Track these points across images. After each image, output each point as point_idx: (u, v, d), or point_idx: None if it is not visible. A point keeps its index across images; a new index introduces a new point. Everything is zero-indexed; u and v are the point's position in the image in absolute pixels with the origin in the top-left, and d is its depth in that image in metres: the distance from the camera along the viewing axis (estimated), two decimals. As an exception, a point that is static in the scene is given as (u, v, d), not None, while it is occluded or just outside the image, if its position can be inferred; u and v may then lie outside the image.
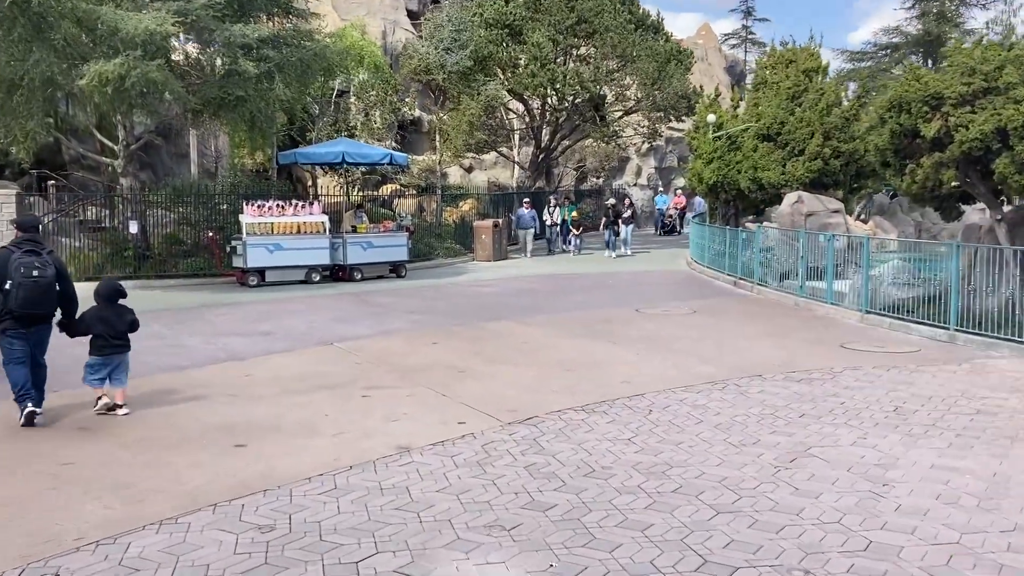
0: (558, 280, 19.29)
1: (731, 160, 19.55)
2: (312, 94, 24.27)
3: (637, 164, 41.70)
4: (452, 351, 10.73)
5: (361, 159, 18.15)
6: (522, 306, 14.99)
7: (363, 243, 19.32)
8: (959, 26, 50.01)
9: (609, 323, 12.98)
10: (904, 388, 8.76)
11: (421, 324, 12.97)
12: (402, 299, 15.94)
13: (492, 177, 37.00)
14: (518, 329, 12.44)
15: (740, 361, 10.09)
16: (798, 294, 15.12)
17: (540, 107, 28.84)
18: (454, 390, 8.57)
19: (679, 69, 27.56)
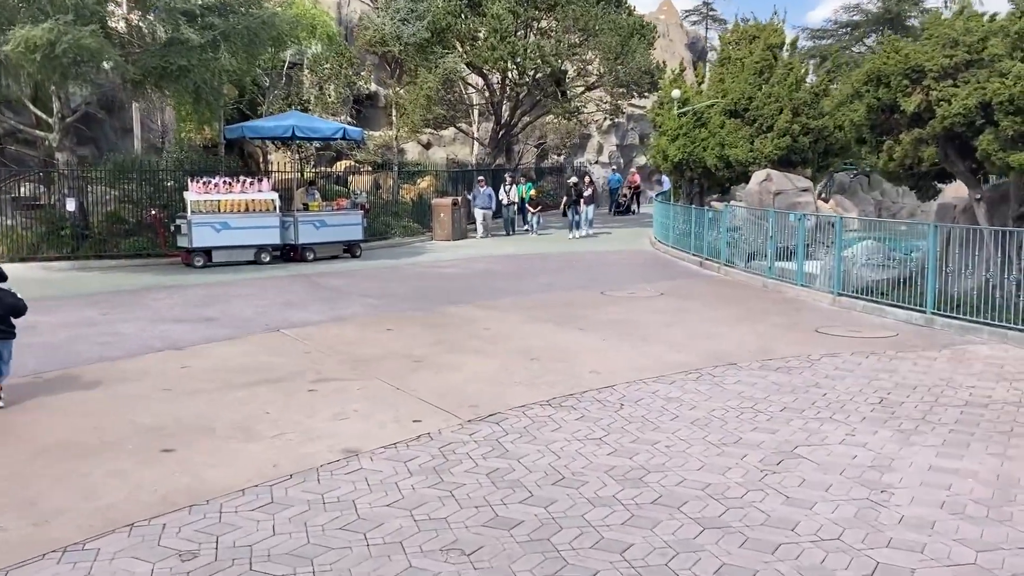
0: (519, 261, 18.66)
1: (697, 137, 19.02)
2: (262, 65, 23.26)
3: (598, 141, 41.13)
4: (409, 339, 10.06)
5: (312, 133, 17.29)
6: (483, 289, 14.34)
7: (315, 222, 18.49)
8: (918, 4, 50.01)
9: (574, 307, 12.40)
10: (886, 377, 8.29)
11: (376, 309, 12.26)
12: (357, 281, 15.19)
13: (451, 154, 36.17)
14: (479, 314, 11.80)
15: (713, 348, 9.56)
16: (767, 275, 14.66)
17: (500, 82, 28.05)
18: (410, 383, 7.91)
19: (642, 44, 26.93)
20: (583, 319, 11.39)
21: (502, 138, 30.31)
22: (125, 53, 16.51)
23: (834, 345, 9.80)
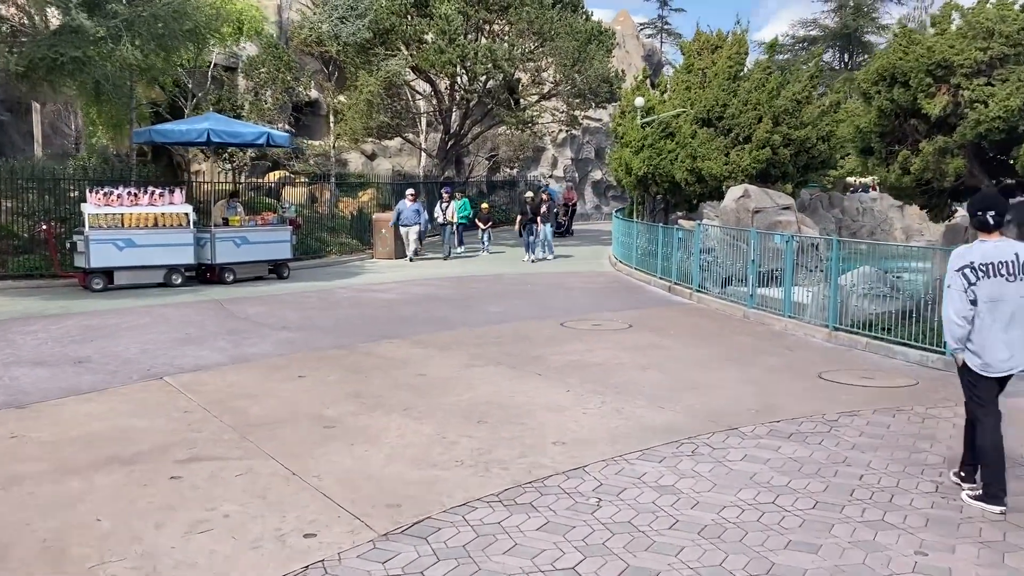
0: (468, 285, 16.69)
1: (664, 148, 17.28)
2: (185, 65, 21.02)
3: (553, 155, 39.43)
4: (323, 390, 8.02)
5: (232, 138, 15.18)
6: (423, 319, 12.35)
7: (236, 238, 16.32)
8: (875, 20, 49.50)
9: (531, 343, 10.47)
10: (927, 447, 6.50)
11: (291, 346, 10.18)
12: (276, 309, 13.08)
13: (397, 165, 34.12)
14: (415, 353, 9.79)
15: (704, 403, 7.70)
16: (747, 304, 12.90)
17: (449, 88, 26.15)
18: (311, 464, 5.88)
19: (600, 50, 25.27)
20: (542, 360, 9.46)
21: (451, 149, 28.39)
22: (12, 43, 14.26)
23: (848, 399, 8.00)
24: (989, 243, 5.24)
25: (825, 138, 15.24)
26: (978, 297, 5.13)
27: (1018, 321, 5.14)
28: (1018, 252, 5.17)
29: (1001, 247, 5.19)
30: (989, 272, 5.12)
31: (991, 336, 5.13)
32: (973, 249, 5.26)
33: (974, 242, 5.37)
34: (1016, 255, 5.15)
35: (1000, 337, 5.12)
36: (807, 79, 15.51)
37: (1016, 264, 5.13)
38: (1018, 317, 5.14)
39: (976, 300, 5.13)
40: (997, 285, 5.12)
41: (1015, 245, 5.24)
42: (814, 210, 38.44)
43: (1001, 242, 5.23)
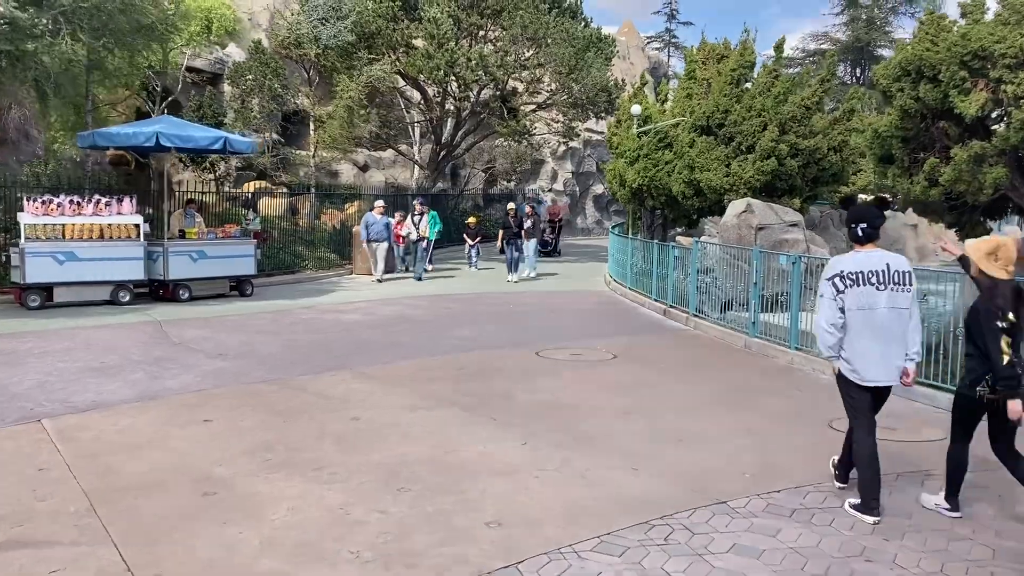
0: (443, 305, 15.28)
1: (660, 159, 15.89)
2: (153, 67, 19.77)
3: (552, 168, 38.09)
4: (227, 439, 6.61)
5: (183, 142, 13.81)
6: (382, 345, 10.95)
7: (192, 252, 14.95)
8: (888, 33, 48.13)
9: (496, 377, 9.06)
10: (979, 534, 5.04)
11: (218, 379, 8.78)
12: (220, 332, 11.69)
13: (390, 177, 32.83)
14: (357, 389, 8.39)
15: (689, 462, 6.26)
16: (749, 333, 11.45)
17: (440, 96, 24.84)
18: (159, 553, 4.47)
19: (599, 58, 23.94)
20: (503, 400, 8.04)
21: (443, 160, 27.07)
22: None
23: (866, 457, 6.54)
24: (861, 253, 5.26)
25: (837, 148, 13.80)
26: (848, 305, 5.15)
27: (885, 331, 5.14)
28: (889, 262, 5.18)
29: (872, 257, 5.21)
30: (859, 281, 5.14)
31: (862, 345, 5.16)
32: (845, 258, 5.30)
33: (849, 252, 5.39)
34: (887, 265, 5.17)
35: (871, 346, 5.14)
36: (818, 83, 14.08)
37: (886, 274, 5.15)
38: (886, 327, 5.15)
39: (845, 308, 5.15)
40: (866, 294, 5.13)
41: (887, 256, 5.23)
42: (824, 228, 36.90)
43: (873, 252, 5.23)
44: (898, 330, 5.17)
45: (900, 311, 5.16)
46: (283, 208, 22.63)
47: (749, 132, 13.58)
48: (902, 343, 5.19)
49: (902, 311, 5.17)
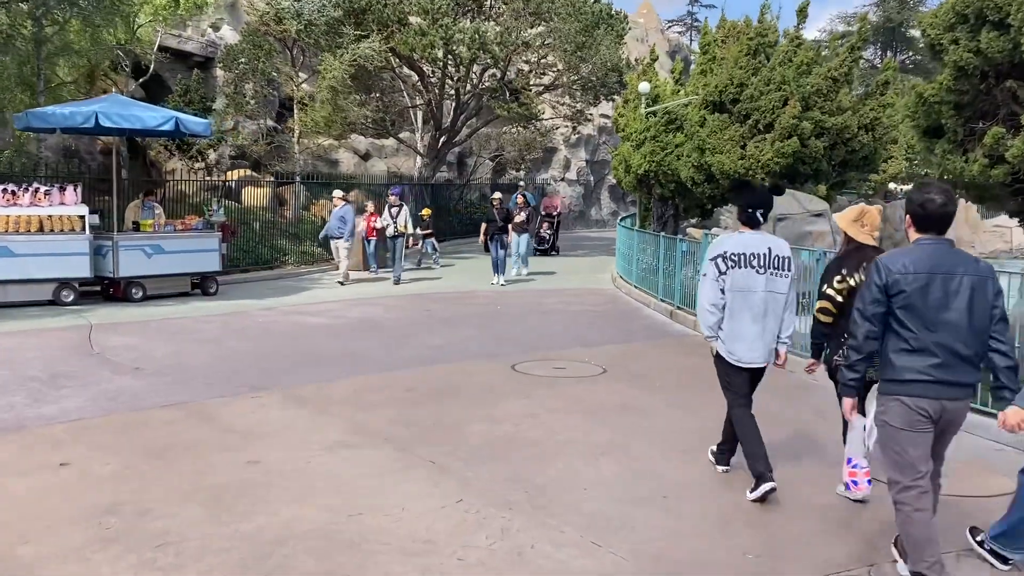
0: (427, 305, 13.70)
1: (669, 142, 14.18)
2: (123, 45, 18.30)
3: (565, 156, 36.36)
4: (71, 491, 5.08)
5: (127, 123, 12.22)
6: (334, 357, 9.39)
7: (146, 247, 13.46)
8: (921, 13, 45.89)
9: (451, 400, 7.46)
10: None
11: (110, 402, 7.25)
12: (153, 340, 10.18)
13: (392, 166, 31.25)
14: (276, 419, 6.83)
15: (668, 535, 4.64)
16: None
17: (439, 77, 23.21)
18: None
19: (609, 35, 22.17)
20: (451, 434, 6.45)
21: (443, 147, 25.43)
22: None
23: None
24: (747, 235, 5.22)
25: (869, 127, 12.03)
26: (728, 286, 5.13)
27: (763, 314, 5.13)
28: (771, 246, 5.17)
29: (756, 239, 5.18)
30: (740, 263, 5.11)
31: (740, 326, 5.16)
32: (728, 239, 5.27)
33: (735, 232, 5.37)
34: (769, 248, 5.15)
35: (749, 328, 5.14)
36: (847, 51, 12.25)
37: (767, 257, 5.13)
38: (763, 310, 5.13)
39: (726, 289, 5.13)
40: (747, 276, 5.11)
41: (770, 239, 5.22)
42: (853, 218, 35.00)
43: (757, 235, 5.21)
44: (774, 313, 5.18)
45: (777, 295, 5.16)
46: (267, 198, 21.10)
47: (767, 108, 11.79)
48: (777, 326, 5.21)
49: (779, 295, 5.16)
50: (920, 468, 3.84)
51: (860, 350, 3.91)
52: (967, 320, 3.78)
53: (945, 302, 3.77)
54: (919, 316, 3.78)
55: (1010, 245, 39.26)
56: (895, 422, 3.87)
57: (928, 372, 3.78)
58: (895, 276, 3.79)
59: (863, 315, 3.89)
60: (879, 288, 3.84)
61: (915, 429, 3.83)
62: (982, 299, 3.81)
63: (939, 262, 3.79)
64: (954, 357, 3.78)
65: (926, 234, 3.88)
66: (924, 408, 3.81)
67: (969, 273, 3.81)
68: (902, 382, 3.84)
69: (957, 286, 3.78)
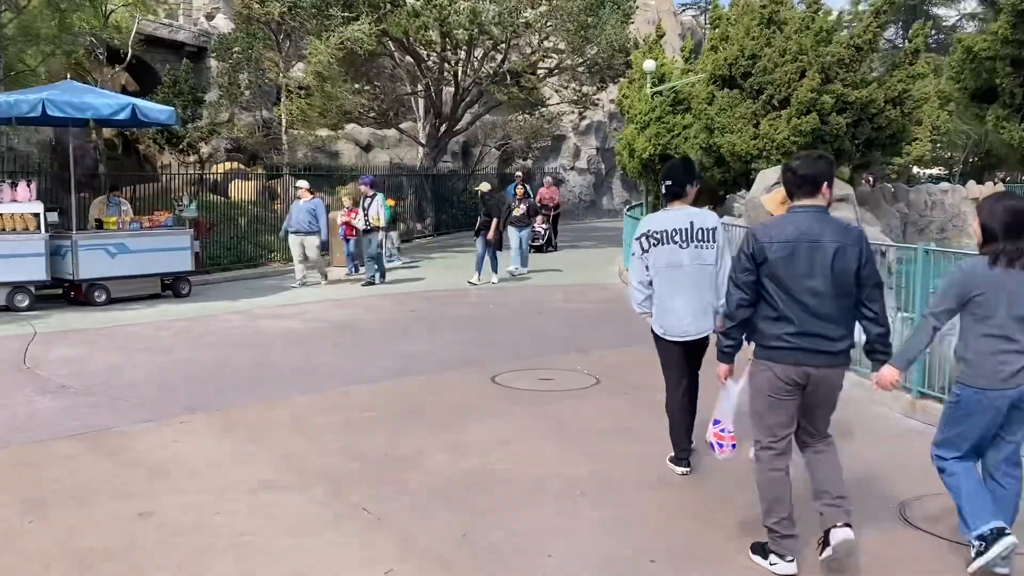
0: (413, 305, 12.62)
1: (676, 124, 12.99)
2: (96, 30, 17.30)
3: (575, 144, 35.11)
4: None
5: (76, 111, 11.14)
6: (294, 368, 8.33)
7: (109, 246, 12.43)
8: (944, -10, 44.18)
9: (414, 421, 6.38)
10: None
11: (9, 431, 6.21)
12: (99, 350, 9.15)
13: (395, 157, 30.16)
14: (195, 450, 5.78)
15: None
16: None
17: (438, 62, 22.09)
18: None
19: (615, 14, 20.92)
20: (402, 469, 5.37)
21: (444, 136, 24.31)
22: None
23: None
24: (670, 211, 5.23)
25: (897, 101, 10.78)
26: (654, 264, 5.16)
27: (693, 287, 5.10)
28: (693, 220, 5.12)
29: (678, 215, 5.16)
30: (663, 239, 5.12)
31: (670, 302, 5.16)
32: (652, 217, 5.34)
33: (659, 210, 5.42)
34: (691, 223, 5.11)
35: (677, 303, 5.14)
36: (871, 16, 10.96)
37: (689, 231, 5.09)
38: (693, 283, 5.10)
39: (652, 266, 5.16)
40: (671, 252, 5.11)
41: (692, 213, 5.17)
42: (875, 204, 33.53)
43: (680, 210, 5.19)
44: (705, 285, 5.12)
45: (705, 267, 5.12)
46: (256, 192, 20.06)
47: (783, 82, 10.52)
48: (710, 296, 5.10)
49: (707, 267, 5.12)
50: (777, 433, 3.94)
51: (733, 317, 3.98)
52: (832, 288, 3.79)
53: (810, 270, 3.78)
54: (783, 284, 3.81)
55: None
56: (761, 386, 3.94)
57: (790, 339, 3.82)
58: (761, 244, 3.82)
59: (735, 283, 3.94)
60: (747, 257, 3.87)
61: (778, 395, 3.89)
62: (848, 267, 3.80)
63: (806, 230, 3.80)
64: (817, 324, 3.79)
65: (796, 201, 3.93)
66: (790, 375, 3.84)
67: (836, 240, 3.80)
68: (767, 348, 3.90)
69: (823, 254, 3.78)
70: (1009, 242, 3.76)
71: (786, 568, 3.88)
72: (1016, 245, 3.77)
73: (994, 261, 3.78)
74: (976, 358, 3.82)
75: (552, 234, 20.89)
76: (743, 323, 3.97)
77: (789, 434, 3.98)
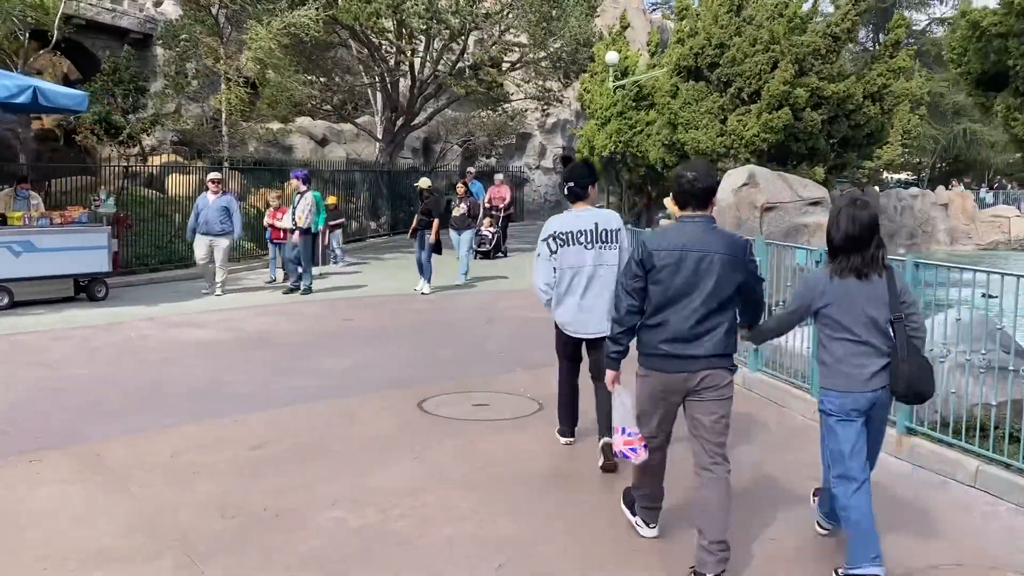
0: (351, 312, 11.56)
1: (639, 120, 12.02)
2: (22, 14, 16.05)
3: (540, 142, 34.14)
4: None
5: (-37, 95, 10.09)
6: (191, 387, 7.25)
7: (13, 244, 11.20)
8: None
9: (308, 464, 5.34)
10: None
11: None
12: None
13: (352, 152, 29.00)
14: (35, 500, 4.73)
15: None
16: (747, 364, 7.67)
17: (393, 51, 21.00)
18: None
19: (580, 6, 19.95)
20: (284, 530, 4.35)
21: (401, 130, 23.22)
22: None
23: None
24: (573, 213, 5.37)
25: (877, 97, 9.88)
26: (560, 264, 5.30)
27: (595, 287, 5.28)
28: (598, 221, 5.30)
29: (583, 216, 5.33)
30: (568, 240, 5.28)
31: (573, 299, 5.34)
32: (557, 219, 5.44)
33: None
34: (596, 224, 5.28)
35: (581, 302, 5.31)
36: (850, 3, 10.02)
37: (594, 233, 5.27)
38: (595, 283, 5.29)
39: (558, 268, 5.30)
40: (576, 253, 5.28)
41: (597, 214, 5.36)
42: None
43: (585, 212, 5.35)
44: (607, 285, 5.21)
45: (609, 267, 5.28)
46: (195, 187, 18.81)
47: (753, 73, 9.56)
48: (612, 297, 4.83)
49: (611, 267, 5.27)
50: (655, 432, 4.04)
51: (621, 323, 3.99)
52: (715, 297, 3.82)
53: (694, 279, 3.82)
54: (666, 292, 3.85)
55: (1008, 236, 37.32)
56: (644, 390, 4.03)
57: (665, 347, 3.86)
58: (649, 252, 3.87)
59: (624, 289, 3.97)
60: (637, 263, 3.92)
61: (655, 400, 3.98)
62: (733, 277, 3.84)
63: (693, 240, 3.84)
64: (698, 331, 3.82)
65: (685, 211, 3.95)
66: (666, 382, 3.89)
67: (721, 252, 3.83)
68: (646, 355, 3.95)
69: (708, 264, 3.81)
70: (853, 254, 3.79)
71: (649, 532, 4.27)
72: (860, 256, 3.79)
73: (837, 273, 3.83)
74: (834, 363, 3.86)
75: (502, 238, 18.76)
76: (631, 329, 3.99)
77: (666, 433, 4.09)
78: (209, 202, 12.59)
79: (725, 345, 3.87)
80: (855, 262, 3.78)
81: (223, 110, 18.52)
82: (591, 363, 5.51)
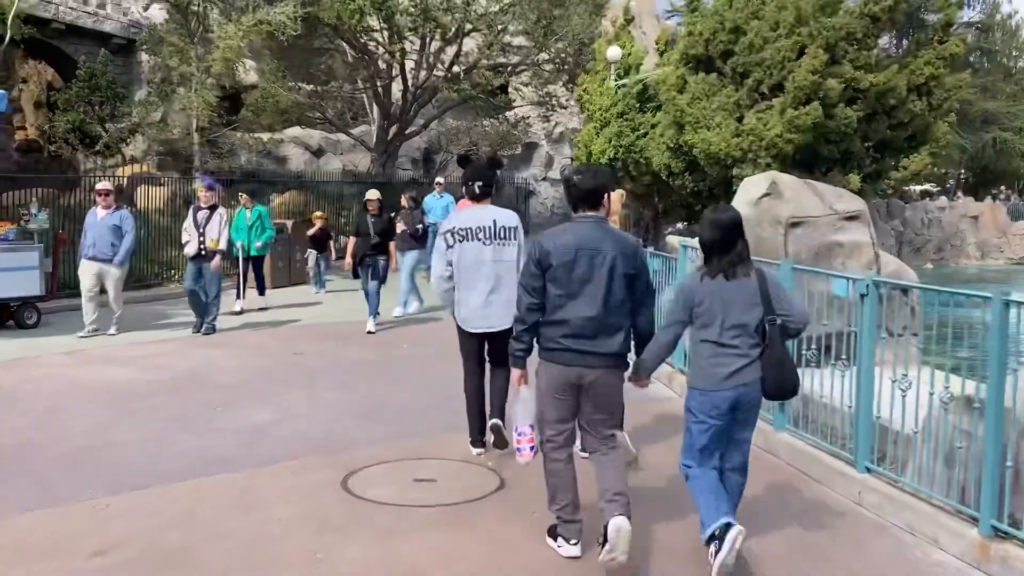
0: (302, 344, 10.00)
1: (643, 122, 10.45)
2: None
3: (547, 152, 32.58)
4: None
5: None
6: (64, 451, 5.76)
7: (-76, 266, 9.80)
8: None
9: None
10: None
11: None
12: None
13: (349, 163, 27.64)
14: None
15: None
16: (771, 422, 6.04)
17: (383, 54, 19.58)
18: None
19: (584, 3, 18.49)
20: None
21: (395, 139, 21.76)
22: None
23: None
24: (474, 210, 5.50)
25: (923, 90, 8.25)
26: (458, 260, 5.40)
27: (494, 283, 5.38)
28: (496, 218, 5.42)
29: (482, 214, 5.45)
30: (467, 236, 5.38)
31: (472, 295, 5.42)
32: (458, 215, 5.65)
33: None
34: (494, 221, 5.41)
35: (479, 297, 5.39)
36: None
37: (492, 229, 5.39)
38: (494, 278, 5.38)
39: (455, 262, 5.40)
40: (475, 249, 5.38)
41: (496, 212, 5.47)
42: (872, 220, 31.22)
43: (485, 209, 5.47)
44: (506, 281, 5.32)
45: (507, 263, 5.39)
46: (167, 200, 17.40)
47: (775, 62, 7.91)
48: (511, 293, 4.92)
49: (509, 263, 5.39)
50: (558, 427, 4.15)
51: (523, 321, 4.12)
52: (607, 294, 3.99)
53: (588, 276, 3.98)
54: (562, 289, 4.00)
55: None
56: (542, 385, 4.16)
57: (564, 342, 4.01)
58: (546, 251, 4.02)
59: (524, 288, 4.10)
60: (534, 263, 4.06)
61: (555, 394, 4.10)
62: (624, 274, 4.01)
63: (587, 239, 4.01)
64: (592, 328, 3.98)
65: (578, 212, 4.12)
66: (566, 375, 4.05)
67: (614, 250, 4.01)
68: (546, 350, 4.11)
69: (601, 261, 3.99)
70: (721, 256, 3.97)
71: (570, 551, 4.10)
72: (727, 257, 3.96)
73: (709, 275, 3.99)
74: (698, 362, 4.03)
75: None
76: (533, 327, 4.12)
77: (568, 428, 4.18)
78: (98, 218, 9.99)
79: (620, 345, 4.06)
80: (722, 263, 3.95)
81: (194, 115, 17.08)
82: (491, 351, 5.56)
